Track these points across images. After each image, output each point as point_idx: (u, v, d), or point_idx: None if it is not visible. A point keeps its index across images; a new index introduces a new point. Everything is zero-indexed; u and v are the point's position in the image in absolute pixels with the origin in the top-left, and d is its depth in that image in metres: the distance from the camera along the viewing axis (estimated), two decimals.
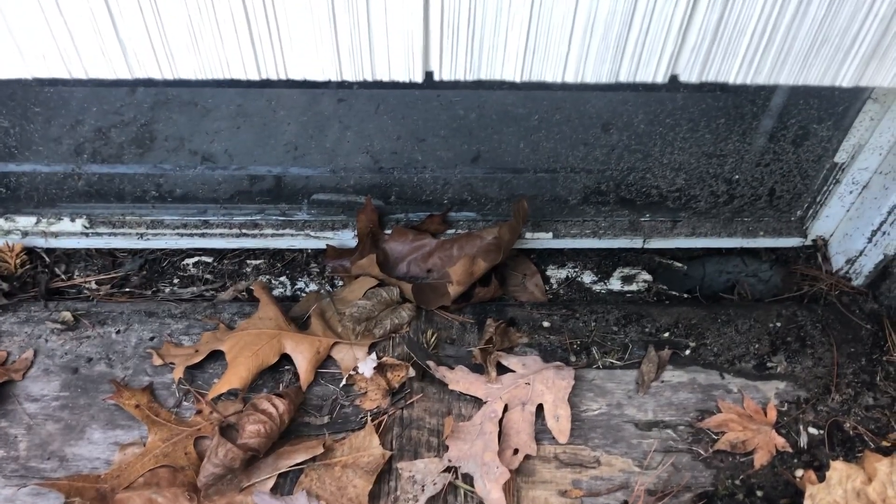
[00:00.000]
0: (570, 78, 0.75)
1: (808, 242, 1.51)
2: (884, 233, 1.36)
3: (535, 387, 1.28)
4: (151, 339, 1.37)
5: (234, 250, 1.49)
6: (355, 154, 1.43)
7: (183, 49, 0.71)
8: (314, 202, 1.47)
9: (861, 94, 1.25)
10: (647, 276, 1.52)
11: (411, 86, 1.33)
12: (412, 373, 1.28)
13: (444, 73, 0.74)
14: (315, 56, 0.72)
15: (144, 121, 1.40)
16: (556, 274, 1.52)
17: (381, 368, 1.29)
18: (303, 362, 1.30)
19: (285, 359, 1.32)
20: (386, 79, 0.74)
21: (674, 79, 0.75)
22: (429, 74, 0.75)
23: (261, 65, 0.73)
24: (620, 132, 1.32)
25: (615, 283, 1.51)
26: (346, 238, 1.46)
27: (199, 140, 1.41)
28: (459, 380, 1.29)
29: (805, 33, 0.71)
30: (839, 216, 1.45)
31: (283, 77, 0.73)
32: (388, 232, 1.46)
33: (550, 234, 1.49)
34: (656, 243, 1.50)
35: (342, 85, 1.38)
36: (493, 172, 1.42)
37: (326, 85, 1.39)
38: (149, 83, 1.33)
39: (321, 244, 1.46)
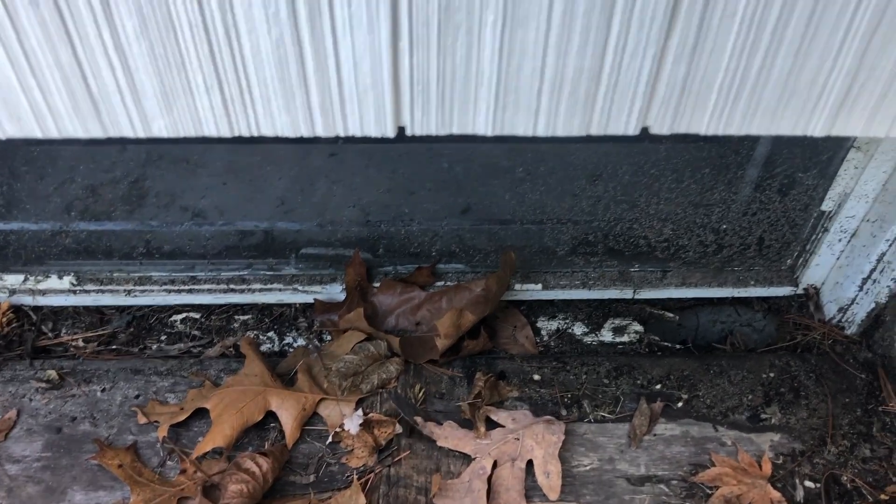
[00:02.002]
0: (541, 132, 0.75)
1: (800, 291, 1.50)
2: (874, 281, 1.36)
3: (524, 442, 1.26)
4: (137, 396, 1.35)
5: (221, 306, 1.49)
6: (344, 208, 1.43)
7: (155, 108, 0.71)
8: (302, 256, 1.47)
9: (844, 143, 1.26)
10: (639, 327, 1.50)
11: (398, 140, 1.34)
12: (399, 429, 1.26)
13: (416, 129, 0.75)
14: (287, 113, 0.72)
15: (135, 178, 1.41)
16: (547, 325, 1.51)
17: (367, 425, 1.27)
18: (288, 419, 1.28)
19: (271, 416, 1.30)
20: (358, 134, 0.74)
21: (645, 130, 0.75)
22: (401, 129, 0.75)
23: (233, 122, 0.73)
24: (605, 183, 1.32)
25: (606, 335, 1.50)
26: (335, 292, 1.46)
27: (189, 196, 1.42)
28: (448, 436, 1.27)
29: (773, 86, 0.72)
30: (830, 264, 1.44)
31: (255, 134, 0.74)
32: (377, 285, 1.45)
33: (540, 286, 1.48)
34: (647, 294, 1.49)
35: (333, 140, 1.39)
36: (480, 224, 1.42)
37: (316, 140, 1.41)
38: (123, 141, 1.34)
39: (309, 298, 1.46)
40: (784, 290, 1.50)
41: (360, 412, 1.28)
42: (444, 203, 1.41)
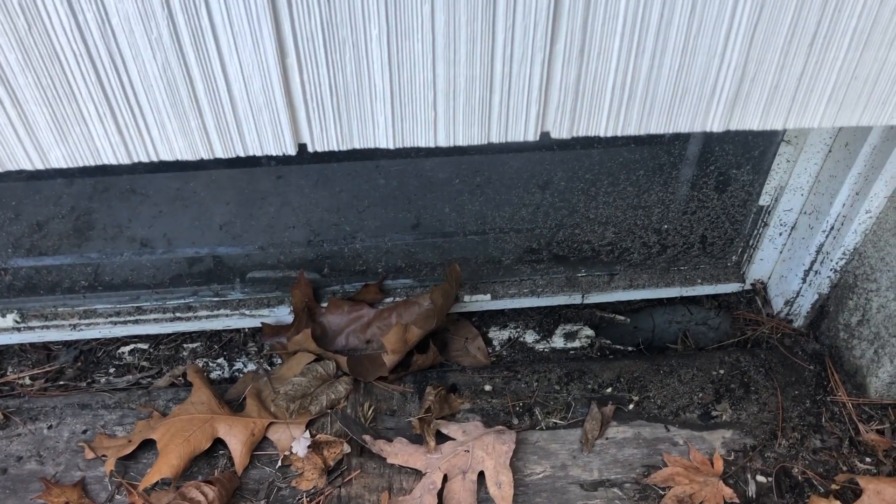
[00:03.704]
0: (441, 142, 0.75)
1: (748, 287, 1.51)
2: (816, 272, 1.36)
3: (475, 453, 1.25)
4: (84, 431, 1.33)
5: (170, 335, 1.48)
6: (290, 229, 1.43)
7: (50, 138, 0.71)
8: (249, 280, 1.46)
9: (774, 137, 1.27)
10: (590, 332, 1.51)
11: (345, 158, 1.34)
12: (348, 449, 1.25)
13: (317, 145, 0.75)
14: (183, 136, 0.72)
15: (81, 211, 1.40)
16: (499, 335, 1.51)
17: (316, 446, 1.26)
18: (237, 445, 1.27)
19: (221, 443, 1.29)
20: (258, 153, 0.74)
21: (545, 135, 0.76)
22: (302, 146, 0.75)
23: (130, 149, 0.73)
24: (542, 190, 1.32)
25: (558, 341, 1.50)
26: (283, 314, 1.45)
27: (136, 226, 1.41)
28: (398, 452, 1.26)
29: (665, 85, 0.72)
30: (773, 258, 1.45)
31: (154, 159, 0.73)
32: (325, 305, 1.45)
33: (489, 296, 1.48)
34: (595, 298, 1.50)
35: (284, 161, 1.39)
36: (424, 238, 1.42)
37: (259, 162, 1.40)
38: (22, 174, 1.33)
39: (257, 322, 1.45)
40: (732, 287, 1.51)
41: (307, 434, 1.27)
42: (387, 219, 1.40)
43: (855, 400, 1.32)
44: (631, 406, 1.35)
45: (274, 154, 0.74)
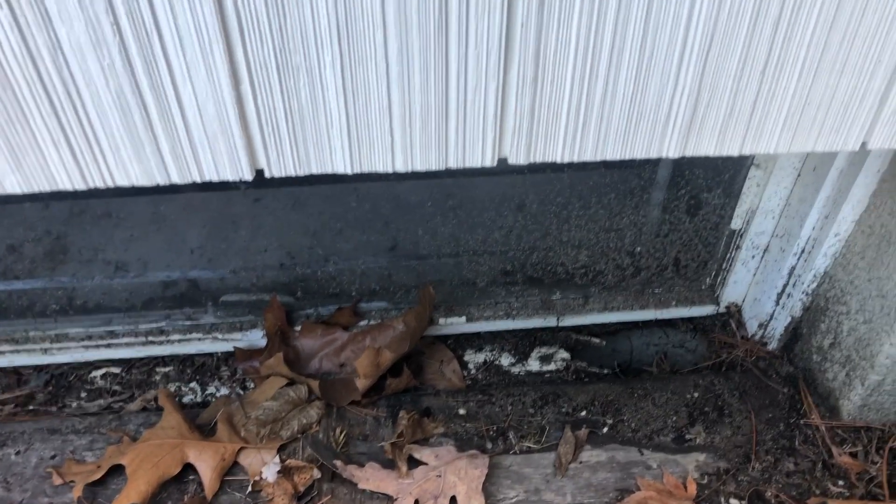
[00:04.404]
0: (399, 167, 0.76)
1: (722, 310, 1.51)
2: (788, 295, 1.37)
3: (447, 478, 1.24)
4: (53, 457, 1.32)
5: (142, 359, 1.47)
6: (263, 252, 1.42)
7: (4, 164, 0.71)
8: (222, 304, 1.45)
9: (744, 161, 1.28)
10: (565, 355, 1.50)
11: (321, 181, 1.35)
12: (318, 474, 1.24)
13: (274, 170, 0.75)
14: (138, 162, 0.72)
15: (56, 234, 1.39)
16: (474, 358, 1.50)
17: (287, 472, 1.25)
18: (207, 471, 1.25)
19: (191, 468, 1.27)
20: (215, 179, 0.74)
21: (503, 161, 0.76)
22: (260, 172, 0.75)
23: (86, 175, 0.73)
24: (514, 213, 1.33)
25: (533, 364, 1.49)
26: (256, 338, 1.44)
27: (110, 250, 1.40)
28: (369, 477, 1.25)
29: (620, 111, 0.73)
30: (747, 281, 1.46)
31: (110, 185, 0.73)
32: (299, 328, 1.44)
33: (464, 318, 1.48)
34: (571, 320, 1.49)
35: (256, 184, 1.39)
36: (398, 260, 1.42)
37: (237, 186, 1.40)
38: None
39: (229, 346, 1.44)
40: (706, 310, 1.51)
41: (277, 459, 1.25)
42: (361, 241, 1.40)
43: (828, 423, 1.32)
44: (605, 429, 1.34)
45: (231, 180, 0.74)
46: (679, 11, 0.66)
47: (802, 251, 1.30)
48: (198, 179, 0.74)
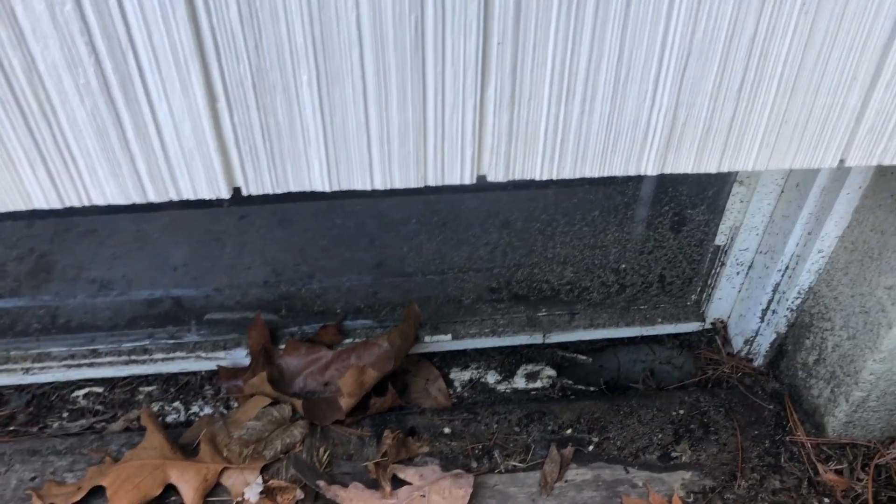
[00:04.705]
0: (378, 185, 0.75)
1: (708, 326, 1.51)
2: (773, 311, 1.37)
3: (430, 498, 1.23)
4: (33, 479, 1.30)
5: (125, 378, 1.45)
6: (248, 269, 1.42)
7: None
8: (206, 322, 1.44)
9: (727, 178, 1.28)
10: (551, 372, 1.50)
11: (305, 198, 1.34)
12: (301, 495, 1.23)
13: (251, 188, 0.74)
14: (115, 181, 0.72)
15: (40, 252, 1.39)
16: (460, 376, 1.50)
17: (269, 492, 1.23)
18: (189, 491, 1.24)
19: (173, 489, 1.26)
20: (192, 197, 0.74)
21: (482, 178, 0.76)
22: (237, 190, 0.75)
23: (62, 194, 0.72)
24: (500, 230, 1.33)
25: (519, 382, 1.48)
26: (240, 356, 1.43)
27: (96, 268, 1.39)
28: (352, 498, 1.24)
29: (597, 129, 0.73)
30: (732, 297, 1.46)
31: (86, 204, 0.73)
32: (283, 347, 1.43)
33: (450, 336, 1.47)
34: (557, 337, 1.49)
35: (247, 201, 1.39)
36: (383, 277, 1.42)
37: (221, 203, 1.40)
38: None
39: (213, 365, 1.43)
40: (692, 326, 1.51)
41: (259, 480, 1.24)
42: (345, 259, 1.40)
43: (814, 440, 1.32)
44: (591, 447, 1.34)
45: (209, 198, 0.73)
46: (654, 30, 0.67)
47: (786, 267, 1.30)
48: (175, 198, 0.73)
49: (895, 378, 1.18)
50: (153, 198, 0.73)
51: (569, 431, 1.36)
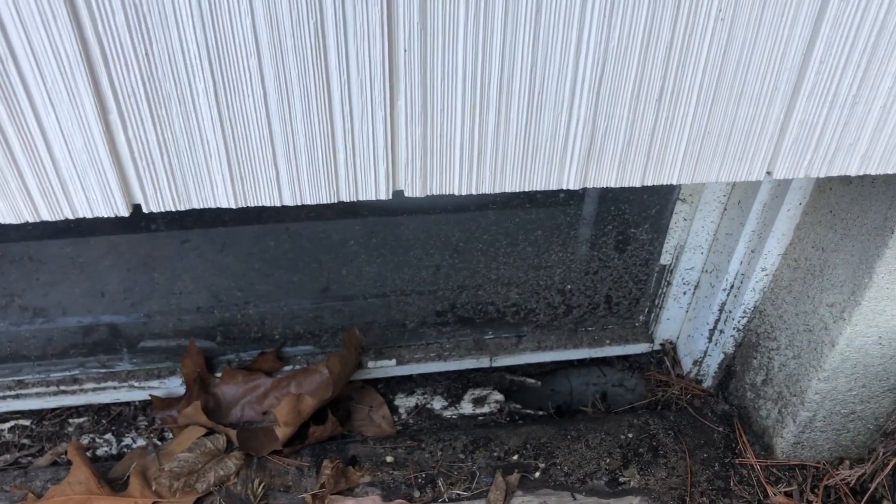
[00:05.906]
0: (287, 201, 0.72)
1: (657, 347, 1.49)
2: (720, 331, 1.35)
3: None
4: None
5: (53, 409, 1.39)
6: (178, 295, 1.36)
7: None
8: (139, 350, 1.39)
9: (669, 196, 1.27)
10: (499, 396, 1.46)
11: (254, 221, 1.30)
12: None
13: (151, 205, 0.70)
14: (3, 198, 0.67)
15: None
16: (405, 402, 1.45)
17: None
18: None
19: None
20: (88, 215, 0.69)
21: (399, 193, 0.73)
22: (137, 207, 0.71)
23: None
24: (441, 252, 1.29)
25: (466, 407, 1.45)
26: (175, 385, 1.38)
27: (16, 294, 1.33)
28: None
29: (515, 140, 0.70)
30: (680, 318, 1.44)
31: None
32: (219, 375, 1.38)
33: (394, 361, 1.43)
34: (504, 361, 1.46)
35: (189, 224, 1.34)
36: (322, 302, 1.38)
37: (159, 227, 1.35)
38: None
39: (146, 395, 1.37)
40: (641, 347, 1.49)
41: None
42: (282, 283, 1.35)
43: (763, 461, 1.29)
44: (537, 474, 1.30)
45: (106, 216, 0.69)
46: (567, 36, 0.64)
47: (731, 286, 1.28)
48: (70, 216, 0.69)
49: (840, 397, 1.17)
50: (46, 216, 0.69)
51: (515, 458, 1.32)
